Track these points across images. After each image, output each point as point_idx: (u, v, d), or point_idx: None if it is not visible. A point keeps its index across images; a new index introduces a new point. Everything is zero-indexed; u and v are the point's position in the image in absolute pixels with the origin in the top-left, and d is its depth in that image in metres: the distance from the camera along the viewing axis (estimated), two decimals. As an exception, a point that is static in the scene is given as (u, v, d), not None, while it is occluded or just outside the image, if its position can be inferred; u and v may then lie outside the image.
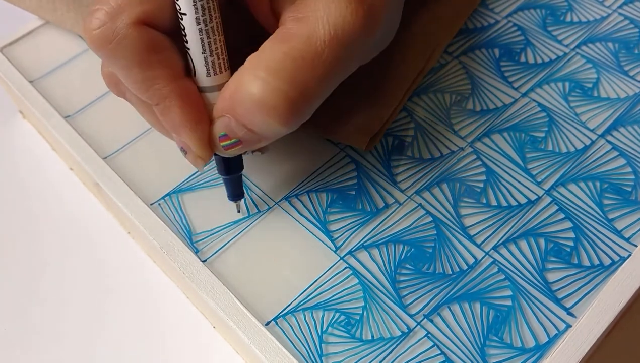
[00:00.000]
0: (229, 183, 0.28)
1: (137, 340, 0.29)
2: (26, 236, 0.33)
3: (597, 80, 0.32)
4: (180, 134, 0.24)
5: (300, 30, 0.22)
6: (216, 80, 0.24)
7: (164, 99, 0.23)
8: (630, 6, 0.36)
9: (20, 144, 0.37)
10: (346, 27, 0.22)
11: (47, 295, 0.31)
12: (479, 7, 0.36)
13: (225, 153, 0.25)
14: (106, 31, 0.22)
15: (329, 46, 0.22)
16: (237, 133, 0.23)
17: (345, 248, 0.28)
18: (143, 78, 0.23)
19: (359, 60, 0.25)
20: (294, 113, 0.22)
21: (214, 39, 0.23)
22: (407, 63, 0.32)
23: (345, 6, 0.22)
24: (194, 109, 0.23)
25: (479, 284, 0.26)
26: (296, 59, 0.22)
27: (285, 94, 0.22)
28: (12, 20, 0.38)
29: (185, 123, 0.23)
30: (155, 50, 0.22)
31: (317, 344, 0.25)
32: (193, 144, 0.24)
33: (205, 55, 0.23)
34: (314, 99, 0.23)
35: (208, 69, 0.23)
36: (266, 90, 0.22)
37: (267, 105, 0.22)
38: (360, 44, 0.23)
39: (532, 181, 0.29)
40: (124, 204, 0.29)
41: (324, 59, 0.22)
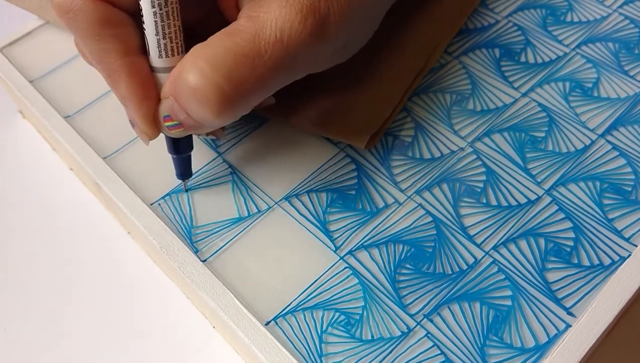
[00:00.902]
0: (177, 162, 0.28)
1: (137, 340, 0.29)
2: (26, 236, 0.33)
3: (597, 80, 0.32)
4: (127, 107, 0.25)
5: (248, 27, 0.23)
6: (168, 62, 0.24)
7: (113, 72, 0.24)
8: (630, 6, 0.36)
9: (20, 144, 0.37)
10: (292, 34, 0.23)
11: (47, 295, 0.31)
12: (479, 7, 0.36)
13: (169, 133, 0.25)
14: (65, 1, 0.23)
15: (272, 48, 0.22)
16: (178, 116, 0.24)
17: (345, 248, 0.28)
18: (96, 49, 0.24)
19: (306, 68, 0.25)
20: (226, 107, 0.23)
21: (167, 22, 0.24)
22: (407, 63, 0.32)
23: (295, 13, 0.22)
24: (142, 86, 0.24)
25: (479, 284, 0.26)
26: (237, 55, 0.22)
27: (219, 87, 0.22)
28: (12, 20, 0.38)
29: (131, 98, 0.24)
30: (109, 25, 0.24)
31: (317, 344, 0.25)
32: (138, 118, 0.25)
33: (159, 38, 0.24)
34: (249, 97, 0.23)
35: (160, 50, 0.24)
36: (202, 80, 0.22)
37: (201, 95, 0.22)
38: (305, 52, 0.23)
39: (532, 181, 0.29)
40: (124, 204, 0.29)
41: (265, 60, 0.22)
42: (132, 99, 0.24)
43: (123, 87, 0.24)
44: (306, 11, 0.23)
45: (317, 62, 0.26)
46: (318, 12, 0.23)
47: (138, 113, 0.25)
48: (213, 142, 0.32)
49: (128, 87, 0.24)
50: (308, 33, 0.23)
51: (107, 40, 0.24)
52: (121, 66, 0.24)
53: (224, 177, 0.30)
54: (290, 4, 0.23)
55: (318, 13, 0.23)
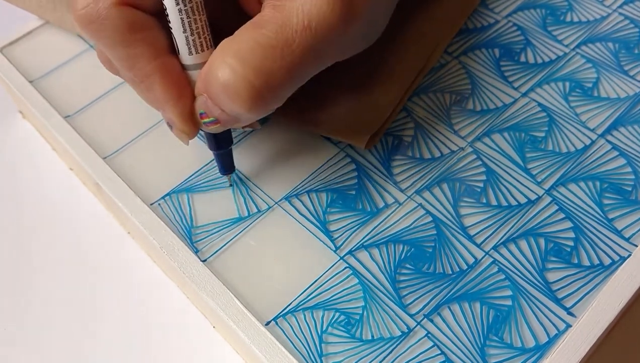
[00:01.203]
0: (219, 157, 0.28)
1: (137, 340, 0.29)
2: (26, 236, 0.33)
3: (597, 80, 0.32)
4: (164, 109, 0.25)
5: (274, 17, 0.22)
6: (198, 58, 0.24)
7: (147, 77, 0.24)
8: (630, 6, 0.36)
9: (20, 144, 0.37)
10: (321, 19, 0.22)
11: (47, 295, 0.31)
12: (479, 7, 0.36)
13: (207, 129, 0.25)
14: (90, 11, 0.23)
15: (300, 36, 0.22)
16: (213, 112, 0.24)
17: (345, 248, 0.28)
18: (126, 56, 0.24)
19: (334, 55, 0.25)
20: (258, 101, 0.22)
21: (194, 18, 0.23)
22: (407, 63, 0.32)
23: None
24: (176, 85, 0.24)
25: (479, 284, 0.26)
26: (265, 46, 0.22)
27: (249, 82, 0.22)
28: (12, 20, 0.38)
29: (167, 98, 0.24)
30: (137, 30, 0.23)
31: (317, 344, 0.25)
32: (175, 118, 0.24)
33: (187, 35, 0.24)
34: (280, 88, 0.23)
35: (189, 47, 0.24)
36: (231, 76, 0.22)
37: (231, 90, 0.22)
38: (335, 38, 0.23)
39: (532, 181, 0.29)
40: (124, 204, 0.29)
41: (294, 49, 0.22)
42: (169, 99, 0.24)
43: (158, 89, 0.24)
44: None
45: (345, 48, 0.25)
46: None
47: (175, 113, 0.24)
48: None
49: (163, 88, 0.24)
50: (337, 17, 0.22)
51: (136, 45, 0.23)
52: (153, 69, 0.24)
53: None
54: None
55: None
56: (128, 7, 0.23)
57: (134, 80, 0.25)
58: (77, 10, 0.23)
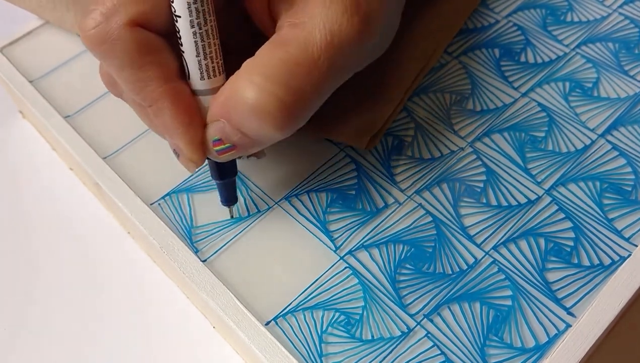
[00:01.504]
0: (223, 187, 0.28)
1: (137, 340, 0.29)
2: (26, 236, 0.33)
3: (597, 80, 0.32)
4: (172, 136, 0.24)
5: (296, 35, 0.22)
6: (210, 83, 0.24)
7: (155, 101, 0.23)
8: (630, 6, 0.36)
9: (20, 143, 0.37)
10: (342, 34, 0.22)
11: (47, 294, 0.31)
12: (479, 7, 0.36)
13: (218, 158, 0.25)
14: (100, 32, 0.22)
15: (325, 52, 0.22)
16: (231, 138, 0.23)
17: (345, 248, 0.28)
18: (135, 79, 0.23)
19: (355, 67, 0.25)
20: (289, 118, 0.22)
21: (208, 42, 0.23)
22: (408, 63, 0.32)
23: (342, 13, 0.22)
24: (186, 112, 0.23)
25: (479, 284, 0.26)
26: (291, 64, 0.22)
27: (280, 100, 0.22)
28: (12, 20, 0.38)
29: (176, 125, 0.23)
30: (148, 52, 0.22)
31: (317, 344, 0.25)
32: (184, 146, 0.24)
33: (199, 59, 0.23)
34: (309, 104, 0.23)
35: (202, 72, 0.23)
36: (261, 95, 0.22)
37: (262, 110, 0.22)
38: (356, 50, 0.23)
39: (532, 181, 0.29)
40: (124, 204, 0.29)
41: (320, 65, 0.22)
42: (178, 126, 0.23)
43: (167, 115, 0.23)
44: (350, 10, 0.22)
45: (364, 59, 0.25)
46: (361, 9, 0.23)
47: (184, 140, 0.23)
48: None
49: (173, 114, 0.23)
50: (356, 31, 0.22)
51: (147, 68, 0.22)
52: (164, 93, 0.23)
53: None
54: (334, 5, 0.22)
55: (361, 10, 0.23)
56: (139, 28, 0.22)
57: (141, 104, 0.24)
58: (87, 30, 0.22)
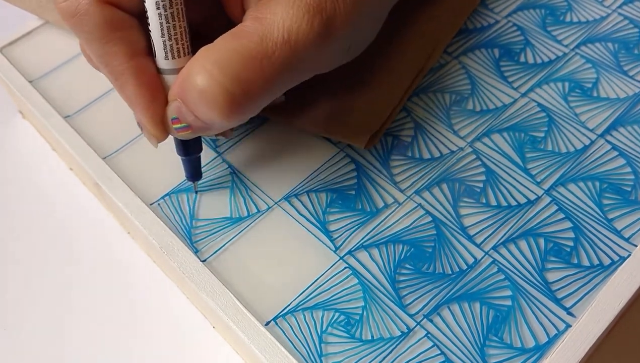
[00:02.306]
0: (187, 163, 0.28)
1: (137, 340, 0.29)
2: (26, 236, 0.33)
3: (597, 80, 0.33)
4: (135, 110, 0.25)
5: (255, 29, 0.23)
6: (174, 63, 0.24)
7: (120, 75, 0.24)
8: (630, 6, 0.36)
9: (20, 144, 0.37)
10: (300, 35, 0.22)
11: (47, 294, 0.31)
12: (479, 7, 0.36)
13: (177, 135, 0.25)
14: (70, 5, 0.23)
15: (279, 49, 0.22)
16: (186, 118, 0.24)
17: (344, 248, 0.28)
18: (102, 53, 0.24)
19: (313, 69, 0.25)
20: (235, 108, 0.23)
21: (173, 24, 0.23)
22: (407, 63, 0.32)
23: (302, 14, 0.22)
24: (149, 88, 0.24)
25: (479, 284, 0.26)
26: (245, 56, 0.22)
27: (227, 90, 0.22)
28: (12, 20, 0.38)
29: (138, 100, 0.24)
30: (116, 28, 0.23)
31: (317, 344, 0.25)
32: (146, 121, 0.25)
33: (164, 39, 0.24)
34: (257, 98, 0.23)
35: (166, 52, 0.24)
36: (209, 83, 0.22)
37: (209, 97, 0.22)
38: (312, 53, 0.23)
39: (532, 181, 0.29)
40: (124, 204, 0.29)
41: (273, 61, 0.22)
42: (140, 101, 0.24)
43: (130, 90, 0.24)
44: (313, 12, 0.23)
45: (324, 63, 0.25)
46: (325, 12, 0.23)
47: (146, 115, 0.24)
48: (213, 142, 0.32)
49: (135, 89, 0.24)
50: (315, 33, 0.23)
51: (113, 43, 0.24)
52: (128, 68, 0.24)
53: (223, 177, 0.30)
54: (297, 4, 0.22)
55: (325, 13, 0.23)
56: (108, 5, 0.23)
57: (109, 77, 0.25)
58: (59, 2, 0.23)
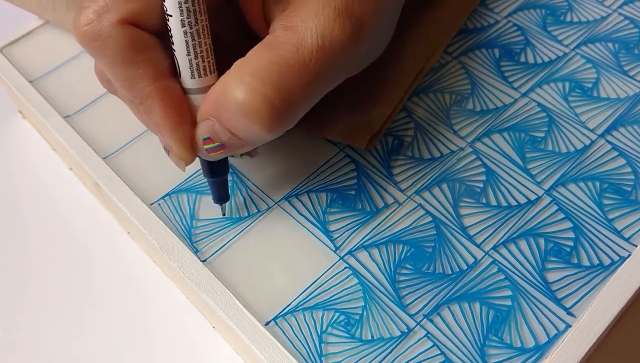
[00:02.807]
0: (214, 186, 0.28)
1: (137, 340, 0.29)
2: (25, 236, 0.33)
3: (597, 80, 0.32)
4: (162, 133, 0.24)
5: (288, 38, 0.22)
6: (201, 82, 0.24)
7: (146, 98, 0.23)
8: (630, 6, 0.36)
9: (20, 143, 0.37)
10: (334, 39, 0.22)
11: (47, 295, 0.31)
12: (479, 7, 0.36)
13: (208, 156, 0.25)
14: (92, 28, 0.22)
15: (316, 55, 0.22)
16: (220, 137, 0.24)
17: (345, 248, 0.28)
18: (126, 76, 0.23)
19: (346, 71, 0.25)
20: (278, 120, 0.23)
21: (199, 41, 0.23)
22: (407, 63, 0.32)
23: (333, 19, 0.22)
24: (176, 110, 0.24)
25: (479, 284, 0.26)
26: (282, 66, 0.22)
27: (269, 100, 0.22)
28: (12, 20, 0.38)
29: (166, 123, 0.24)
30: (139, 50, 0.23)
31: (317, 344, 0.25)
32: (174, 144, 0.24)
33: (190, 58, 0.23)
34: (299, 106, 0.23)
35: (192, 71, 0.23)
36: (251, 95, 0.22)
37: (251, 110, 0.22)
38: (346, 55, 0.23)
39: (532, 181, 0.29)
40: (124, 204, 0.29)
41: (311, 68, 0.22)
42: (168, 123, 0.24)
43: (157, 113, 0.23)
44: (343, 15, 0.23)
45: (355, 65, 0.26)
46: (353, 15, 0.23)
47: (174, 138, 0.24)
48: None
49: (162, 112, 0.23)
50: (348, 36, 0.23)
51: (138, 65, 0.23)
52: (153, 91, 0.23)
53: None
54: (326, 10, 0.22)
55: (353, 16, 0.23)
56: (131, 26, 0.23)
57: (133, 101, 0.24)
58: (80, 27, 0.23)
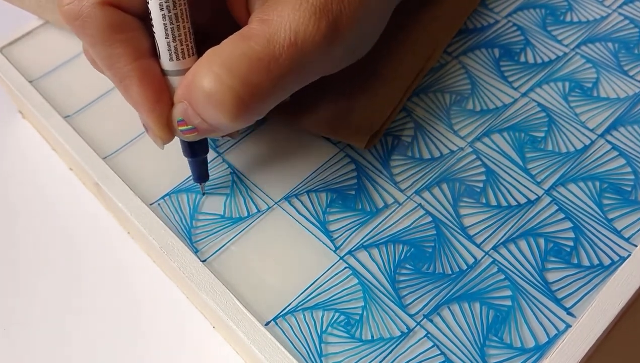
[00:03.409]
0: (193, 165, 0.28)
1: (137, 340, 0.29)
2: (25, 236, 0.33)
3: (597, 80, 0.32)
4: (140, 112, 0.25)
5: (262, 31, 0.23)
6: (179, 65, 0.24)
7: (125, 77, 0.24)
8: (630, 6, 0.36)
9: (20, 143, 0.37)
10: (307, 37, 0.23)
11: (46, 295, 0.31)
12: (479, 7, 0.36)
13: (183, 137, 0.25)
14: (74, 8, 0.23)
15: (286, 51, 0.22)
16: (192, 120, 0.24)
17: (344, 248, 0.28)
18: (106, 55, 0.24)
19: (319, 70, 0.25)
20: (243, 111, 0.23)
21: (177, 25, 0.23)
22: (407, 63, 0.32)
23: (309, 16, 0.23)
24: (154, 90, 0.24)
25: (479, 284, 0.26)
26: (252, 58, 0.22)
27: (235, 92, 0.22)
28: (12, 20, 0.38)
29: (143, 102, 0.24)
30: (119, 30, 0.23)
31: (316, 344, 0.25)
32: (151, 122, 0.25)
33: (168, 40, 0.24)
34: (265, 100, 0.23)
35: (171, 53, 0.24)
36: (217, 85, 0.22)
37: (217, 100, 0.22)
38: (319, 54, 0.23)
39: (532, 181, 0.29)
40: (124, 204, 0.29)
41: (280, 63, 0.22)
42: (145, 103, 0.24)
43: (135, 91, 0.24)
44: (319, 14, 0.23)
45: (331, 64, 0.26)
46: (331, 14, 0.23)
47: (151, 117, 0.24)
48: (213, 142, 0.32)
49: (140, 91, 0.24)
50: (322, 35, 0.23)
51: (117, 45, 0.23)
52: (132, 70, 0.24)
53: (224, 177, 0.30)
54: (303, 7, 0.23)
55: (331, 15, 0.23)
56: (112, 7, 0.23)
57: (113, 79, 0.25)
58: (62, 5, 0.23)
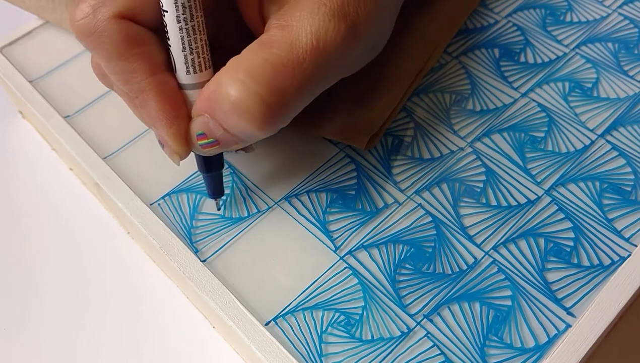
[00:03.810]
0: (209, 180, 0.28)
1: (137, 340, 0.29)
2: (26, 236, 0.33)
3: (597, 80, 0.33)
4: (157, 127, 0.24)
5: (283, 37, 0.22)
6: (196, 78, 0.24)
7: (141, 92, 0.24)
8: (630, 6, 0.36)
9: (20, 144, 0.37)
10: (328, 40, 0.23)
11: (46, 295, 0.31)
12: (479, 7, 0.36)
13: (202, 152, 0.25)
14: (88, 23, 0.23)
15: (310, 55, 0.22)
16: (214, 133, 0.24)
17: (345, 248, 0.28)
18: (122, 70, 0.23)
19: (341, 72, 0.25)
20: (270, 118, 0.23)
21: (194, 37, 0.23)
22: (407, 63, 0.32)
23: (328, 19, 0.23)
24: (171, 104, 0.24)
25: (479, 284, 0.26)
26: (276, 65, 0.22)
27: (262, 99, 0.22)
28: (12, 20, 0.38)
29: (161, 117, 0.24)
30: (135, 44, 0.23)
31: (317, 344, 0.25)
32: (168, 138, 0.24)
33: (185, 53, 0.23)
34: (291, 105, 0.23)
35: (188, 66, 0.24)
36: (243, 93, 0.22)
37: (243, 108, 0.22)
38: (340, 56, 0.23)
39: (532, 181, 0.29)
40: (124, 204, 0.29)
41: (304, 67, 0.22)
42: (163, 118, 0.24)
43: (152, 107, 0.24)
44: (338, 16, 0.23)
45: (351, 65, 0.26)
46: (349, 15, 0.23)
47: (169, 132, 0.24)
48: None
49: (158, 106, 0.24)
50: (342, 37, 0.23)
51: (133, 59, 0.23)
52: (149, 85, 0.23)
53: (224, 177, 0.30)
54: (322, 11, 0.23)
55: (349, 17, 0.23)
56: (127, 20, 0.23)
57: (128, 95, 0.24)
58: (76, 20, 0.23)
